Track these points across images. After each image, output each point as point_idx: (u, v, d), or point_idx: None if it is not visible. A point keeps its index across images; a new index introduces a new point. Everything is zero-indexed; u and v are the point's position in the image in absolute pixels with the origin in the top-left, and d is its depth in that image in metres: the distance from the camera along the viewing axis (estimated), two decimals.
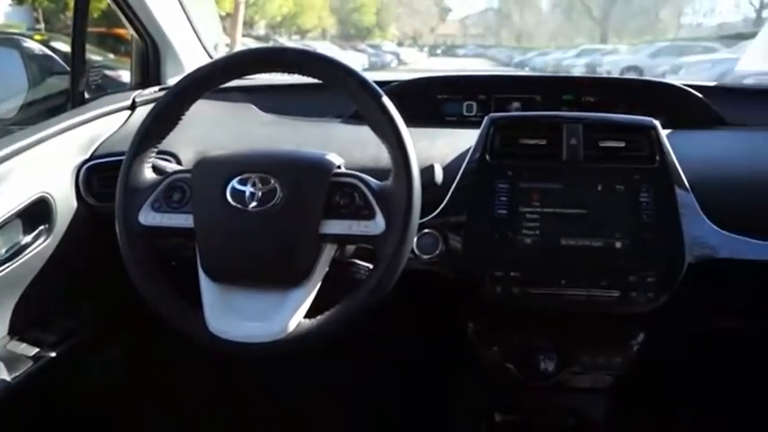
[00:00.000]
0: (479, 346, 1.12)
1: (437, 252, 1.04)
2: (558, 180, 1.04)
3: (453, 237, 1.04)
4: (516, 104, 1.37)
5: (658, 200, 1.01)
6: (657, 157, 1.04)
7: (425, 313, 1.28)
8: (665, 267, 1.00)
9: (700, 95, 1.28)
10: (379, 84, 1.33)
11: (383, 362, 1.75)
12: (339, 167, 0.89)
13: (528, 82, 1.41)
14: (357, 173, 0.88)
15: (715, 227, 1.02)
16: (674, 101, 1.29)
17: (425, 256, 1.05)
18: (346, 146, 1.08)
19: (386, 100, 0.85)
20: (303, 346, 0.84)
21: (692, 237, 1.01)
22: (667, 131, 1.11)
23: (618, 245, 1.01)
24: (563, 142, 1.05)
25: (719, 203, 1.04)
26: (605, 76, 1.44)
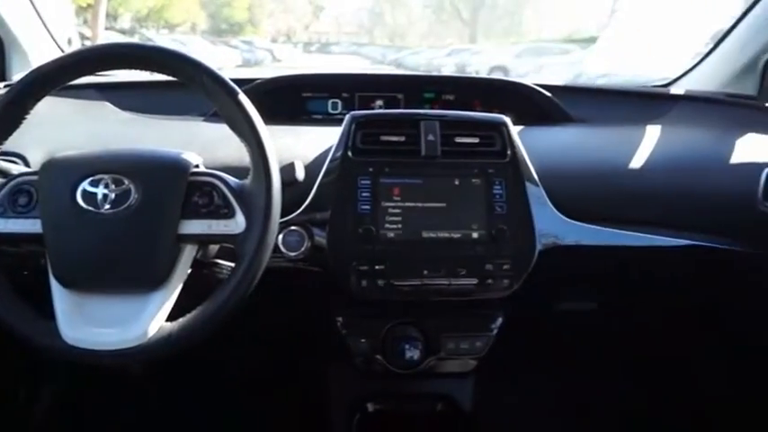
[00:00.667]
0: (349, 338, 1.14)
1: (303, 249, 1.05)
2: (417, 175, 1.08)
3: (318, 233, 1.06)
4: (379, 102, 1.41)
5: (510, 192, 1.08)
6: (509, 152, 1.10)
7: (295, 310, 1.29)
8: (519, 255, 1.07)
9: (548, 94, 1.37)
10: (244, 81, 1.32)
11: (256, 360, 1.73)
12: (197, 166, 0.88)
13: (391, 81, 1.45)
14: (215, 171, 0.87)
15: (562, 216, 1.11)
16: (525, 99, 1.38)
17: (291, 254, 1.05)
18: (208, 144, 1.06)
19: (242, 97, 0.85)
20: (166, 350, 0.83)
21: (542, 226, 1.08)
22: (519, 128, 1.18)
23: (475, 235, 1.06)
24: (421, 139, 1.09)
25: (566, 194, 1.13)
26: (464, 75, 1.51)
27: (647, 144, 1.26)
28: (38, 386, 1.56)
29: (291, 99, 1.39)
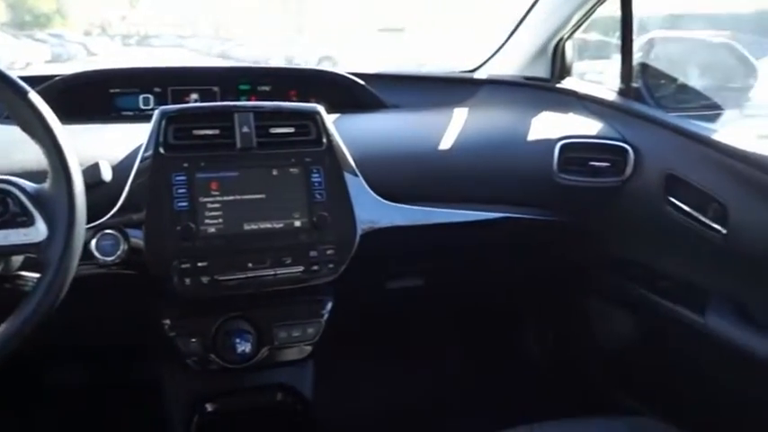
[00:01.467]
0: (178, 340, 1.11)
1: (119, 253, 1.01)
2: (234, 168, 1.07)
3: (134, 235, 1.02)
4: (194, 96, 1.38)
5: (328, 179, 1.11)
6: (324, 140, 1.13)
7: (120, 317, 1.23)
8: (341, 240, 1.10)
9: (362, 83, 1.42)
10: (45, 78, 1.23)
11: (88, 371, 1.64)
12: None
13: (205, 73, 1.42)
14: (8, 177, 0.81)
15: (380, 199, 1.16)
16: (339, 88, 1.41)
17: (107, 259, 1.01)
18: (1, 148, 0.98)
19: (33, 96, 0.79)
20: None
21: (361, 210, 1.13)
22: (334, 116, 1.21)
23: (297, 224, 1.08)
24: (236, 131, 1.08)
25: (382, 177, 1.18)
26: (279, 66, 1.52)
27: (455, 126, 1.35)
28: None
29: (98, 96, 1.31)
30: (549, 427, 1.02)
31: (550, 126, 1.39)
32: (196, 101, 1.37)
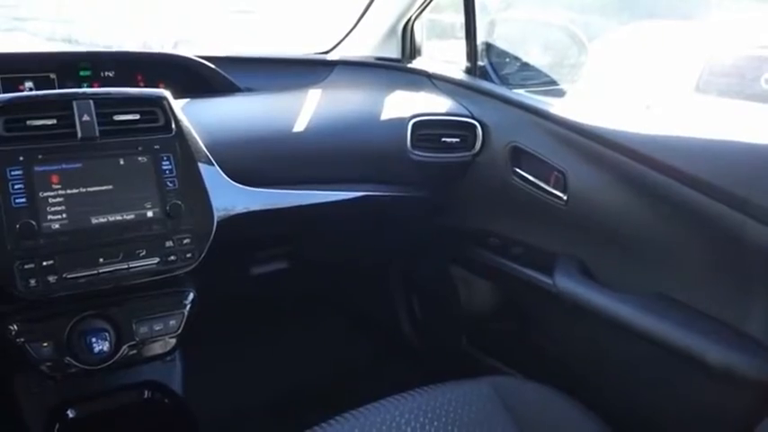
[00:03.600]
0: (28, 345, 1.04)
1: None
2: (77, 159, 1.01)
3: None
4: (29, 84, 1.28)
5: (180, 166, 1.08)
6: (173, 126, 1.09)
7: None
8: (197, 228, 1.08)
9: (211, 66, 1.39)
10: None
11: None
12: None
13: (40, 59, 1.32)
14: None
15: (235, 183, 1.14)
16: (189, 72, 1.37)
17: None
18: None
19: None
20: None
21: (216, 196, 1.10)
22: (183, 101, 1.17)
23: (150, 214, 1.05)
24: (76, 120, 1.02)
25: (237, 162, 1.17)
26: (123, 50, 1.43)
27: (309, 107, 1.36)
28: None
29: None
30: (419, 395, 1.06)
31: (402, 105, 1.44)
32: (31, 89, 1.28)
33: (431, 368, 1.68)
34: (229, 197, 1.13)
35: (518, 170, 1.34)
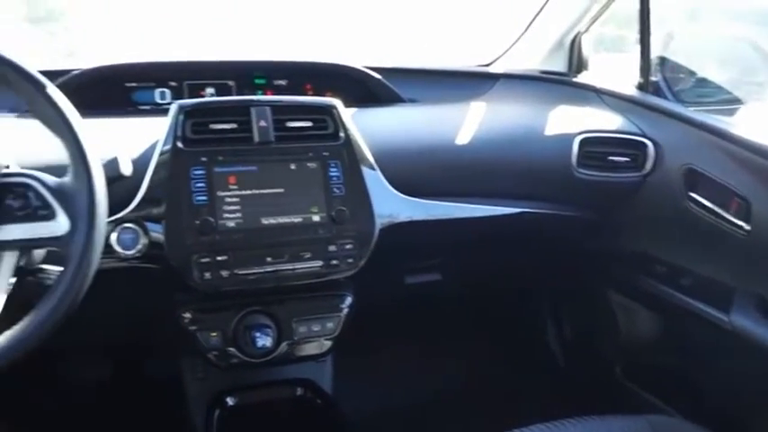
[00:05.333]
0: (198, 334, 1.12)
1: (139, 246, 1.01)
2: (252, 162, 1.07)
3: (154, 228, 1.02)
4: (210, 90, 1.37)
5: (346, 173, 1.10)
6: (341, 134, 1.13)
7: (139, 310, 1.23)
8: (360, 235, 1.10)
9: (378, 76, 1.41)
10: (60, 72, 1.23)
11: (107, 366, 1.65)
12: (7, 167, 0.81)
13: (220, 67, 1.42)
14: (29, 171, 0.81)
15: (397, 193, 1.15)
16: (355, 82, 1.40)
17: (127, 252, 1.01)
18: (22, 142, 0.98)
19: (52, 90, 0.79)
20: None
21: (379, 204, 1.12)
22: (351, 110, 1.20)
23: (316, 218, 1.08)
24: (253, 125, 1.08)
25: (400, 172, 1.18)
26: (295, 60, 1.50)
27: (472, 120, 1.34)
28: None
29: (115, 90, 1.31)
30: (570, 424, 1.01)
31: (569, 120, 1.38)
32: (212, 95, 1.37)
33: (581, 397, 1.60)
34: (392, 206, 1.14)
35: (693, 195, 1.24)
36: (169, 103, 1.32)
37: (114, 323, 1.29)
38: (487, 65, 1.66)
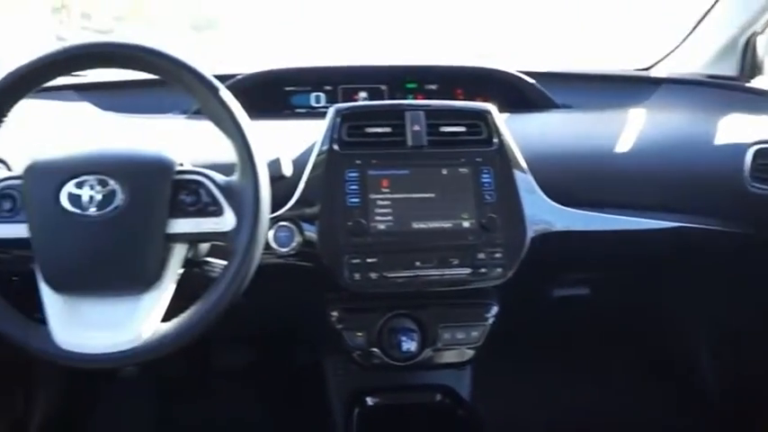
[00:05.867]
0: (344, 333, 1.14)
1: (293, 244, 1.05)
2: (405, 166, 1.08)
3: (308, 228, 1.05)
4: (363, 94, 1.40)
5: (499, 180, 1.08)
6: (495, 140, 1.10)
7: (288, 306, 1.28)
8: (510, 243, 1.07)
9: (531, 81, 1.37)
10: (225, 77, 1.31)
11: (251, 358, 1.73)
12: (182, 164, 0.87)
13: (373, 72, 1.44)
14: (201, 169, 0.86)
15: (551, 202, 1.11)
16: (508, 86, 1.37)
17: (282, 249, 1.05)
18: (192, 142, 1.05)
19: (224, 93, 0.84)
20: (161, 351, 0.82)
21: (532, 213, 1.09)
22: (504, 115, 1.18)
23: (466, 225, 1.06)
24: (407, 129, 1.09)
25: (555, 180, 1.13)
26: (446, 64, 1.49)
27: (632, 128, 1.27)
28: (33, 392, 1.54)
29: (274, 93, 1.37)
30: None
31: (741, 129, 1.27)
32: (365, 99, 1.39)
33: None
34: (545, 215, 1.10)
35: None
36: (323, 107, 1.38)
37: (264, 315, 1.35)
38: (646, 69, 1.56)
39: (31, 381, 1.55)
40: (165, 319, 0.84)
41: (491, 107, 1.13)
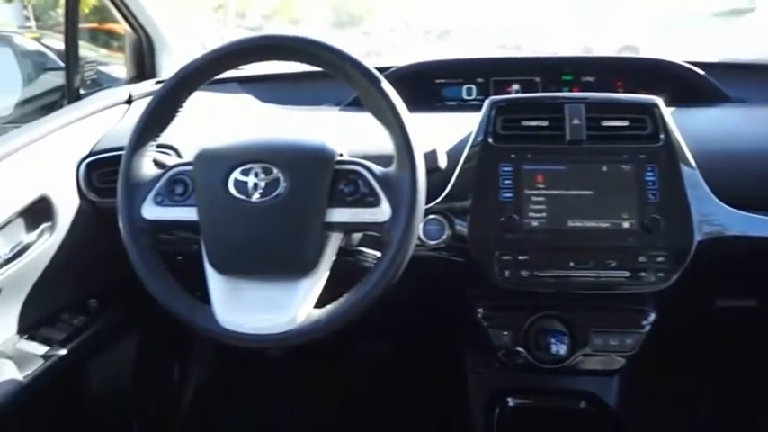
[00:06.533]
0: (490, 330, 1.12)
1: (443, 238, 1.04)
2: (562, 161, 1.03)
3: (459, 222, 1.04)
4: (516, 87, 1.37)
5: (664, 179, 1.01)
6: (662, 136, 1.03)
7: (433, 299, 1.28)
8: (674, 247, 1.00)
9: (701, 72, 1.27)
10: (379, 69, 1.32)
11: (395, 351, 1.75)
12: (341, 155, 0.88)
13: (527, 64, 1.40)
14: (360, 160, 0.87)
15: (723, 205, 1.02)
16: (673, 78, 1.28)
17: (431, 242, 1.04)
18: (346, 133, 1.07)
19: (386, 85, 0.84)
20: (313, 336, 0.84)
21: (701, 215, 1.00)
22: (671, 109, 1.10)
23: (626, 225, 1.00)
24: (566, 123, 1.04)
25: (726, 180, 1.04)
26: (603, 55, 1.41)
27: None
28: (188, 363, 1.66)
29: (426, 86, 1.37)
30: None
31: None
32: (517, 91, 1.36)
33: None
34: (715, 218, 1.01)
35: None
36: (475, 99, 1.36)
37: (407, 307, 1.35)
38: None
39: (187, 354, 1.66)
40: (316, 305, 0.86)
41: (658, 100, 1.05)
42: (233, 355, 1.63)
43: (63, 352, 1.13)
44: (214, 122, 1.24)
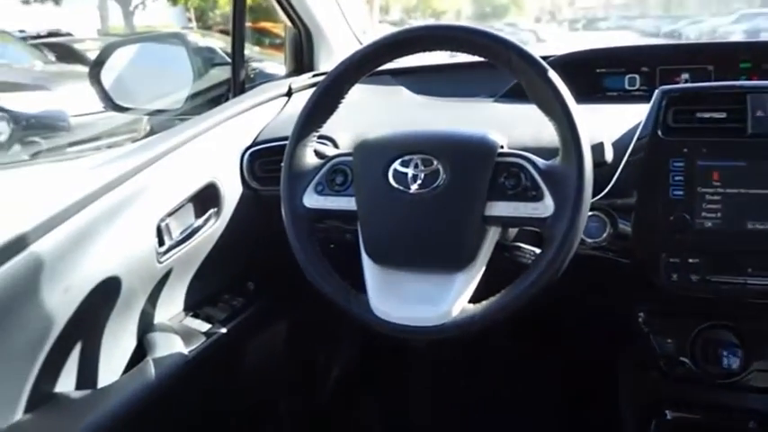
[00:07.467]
0: (651, 337, 1.05)
1: (604, 236, 0.99)
2: (742, 157, 0.93)
3: (622, 220, 0.98)
4: (685, 76, 1.26)
5: None
6: None
7: (589, 301, 1.22)
8: None
9: None
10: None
11: (545, 354, 1.69)
12: (502, 147, 0.86)
13: (697, 51, 1.29)
14: (522, 152, 0.84)
15: None
16: None
17: (591, 240, 0.99)
18: (504, 125, 1.04)
19: (552, 74, 0.81)
20: (468, 331, 0.82)
21: None
22: None
23: None
24: (748, 114, 0.94)
25: None
26: None
27: None
28: (335, 347, 1.71)
29: (586, 75, 1.30)
30: None
31: None
32: (687, 81, 1.26)
33: None
34: None
35: None
36: (637, 90, 1.28)
37: (557, 305, 1.30)
38: None
39: (333, 340, 1.71)
40: (471, 300, 0.84)
41: None
42: (376, 346, 1.65)
43: (223, 330, 1.19)
44: (370, 114, 1.26)
